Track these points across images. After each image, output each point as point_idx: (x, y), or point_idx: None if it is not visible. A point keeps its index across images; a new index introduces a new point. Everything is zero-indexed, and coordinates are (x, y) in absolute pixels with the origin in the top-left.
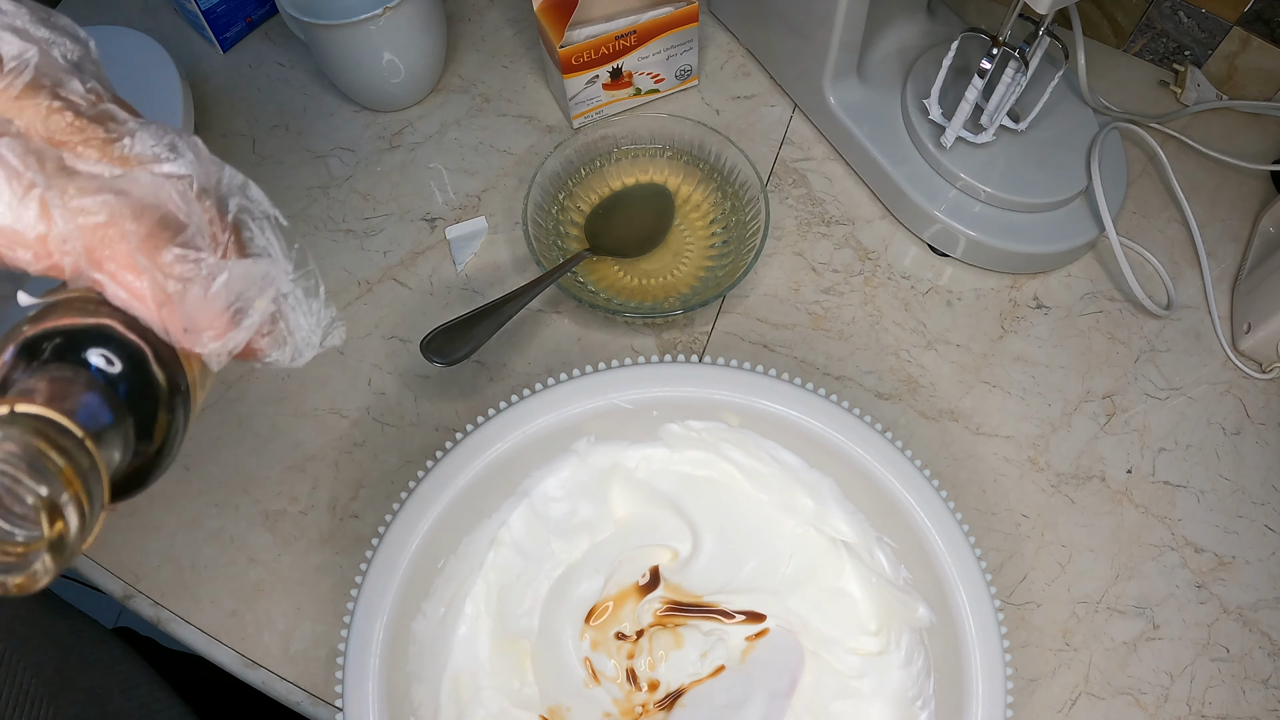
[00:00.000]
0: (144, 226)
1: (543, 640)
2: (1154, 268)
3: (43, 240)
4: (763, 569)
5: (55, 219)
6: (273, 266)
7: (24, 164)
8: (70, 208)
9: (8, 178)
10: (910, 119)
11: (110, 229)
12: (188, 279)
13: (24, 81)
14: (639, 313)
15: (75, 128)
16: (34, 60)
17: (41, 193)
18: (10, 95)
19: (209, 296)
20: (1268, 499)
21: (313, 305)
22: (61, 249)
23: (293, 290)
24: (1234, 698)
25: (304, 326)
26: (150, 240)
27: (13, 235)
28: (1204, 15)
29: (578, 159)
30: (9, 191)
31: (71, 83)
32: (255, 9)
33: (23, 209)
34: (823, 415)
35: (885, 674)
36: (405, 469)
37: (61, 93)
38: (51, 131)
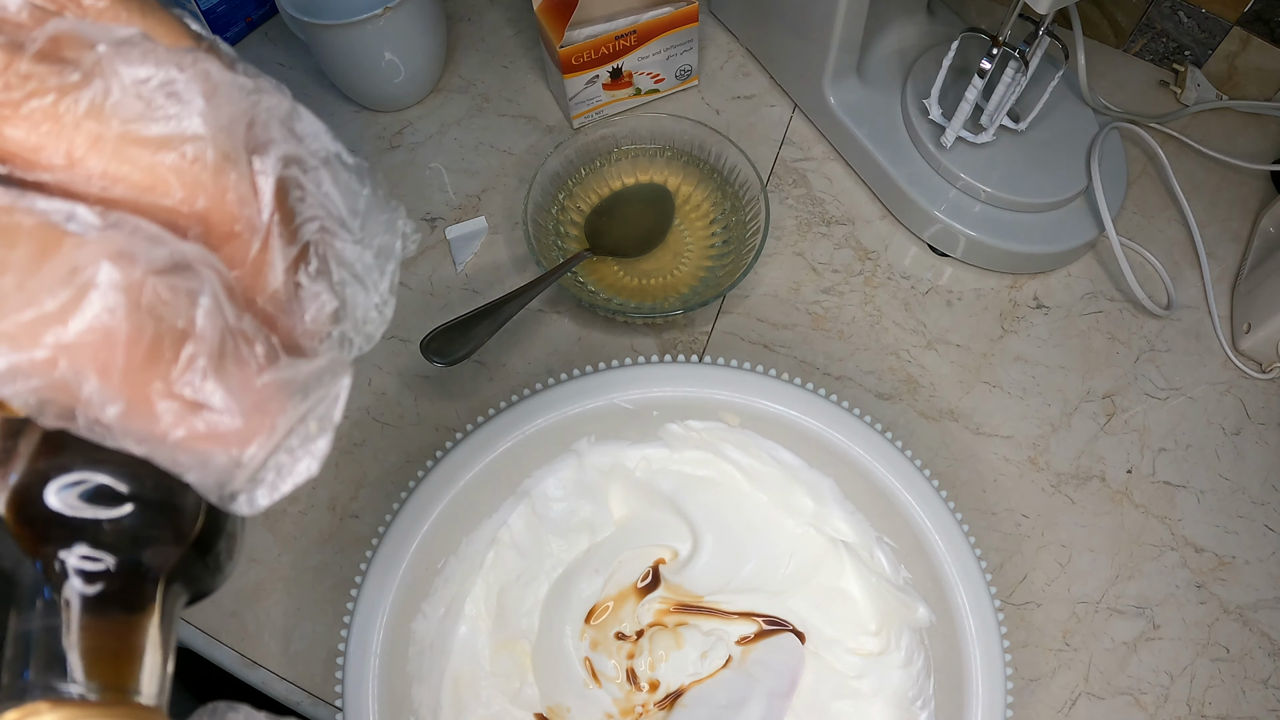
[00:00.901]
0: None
1: (543, 640)
2: (1154, 268)
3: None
4: (763, 569)
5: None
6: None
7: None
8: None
9: None
10: (910, 119)
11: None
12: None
13: None
14: (639, 313)
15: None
16: None
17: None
18: None
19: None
20: (1268, 499)
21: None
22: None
23: (355, 279)
24: (1234, 698)
25: (363, 304)
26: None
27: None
28: (1204, 15)
29: (578, 159)
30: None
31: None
32: (255, 9)
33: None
34: (823, 415)
35: (885, 674)
36: (405, 469)
37: None
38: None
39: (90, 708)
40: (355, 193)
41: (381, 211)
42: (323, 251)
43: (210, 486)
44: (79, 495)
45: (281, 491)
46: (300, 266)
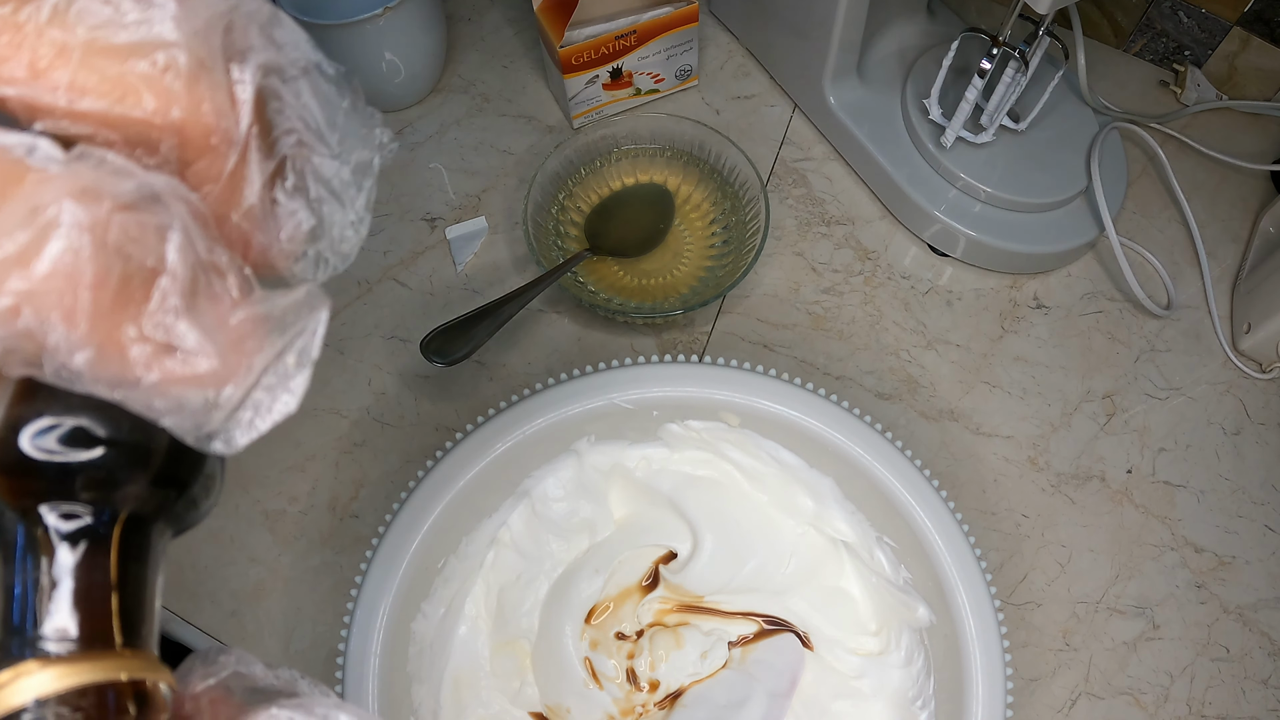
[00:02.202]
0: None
1: (543, 640)
2: (1154, 268)
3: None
4: (763, 569)
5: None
6: (311, 301)
7: None
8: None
9: None
10: (910, 119)
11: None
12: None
13: None
14: (639, 313)
15: None
16: None
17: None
18: None
19: (202, 401)
20: (1268, 499)
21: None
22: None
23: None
24: (1234, 698)
25: (339, 222)
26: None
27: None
28: (1204, 15)
29: (578, 159)
30: None
31: None
32: None
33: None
34: (823, 415)
35: (885, 674)
36: (405, 469)
37: None
38: None
39: (79, 661)
40: (334, 105)
41: (360, 124)
42: (300, 166)
43: (187, 429)
44: (55, 440)
45: (259, 430)
46: (277, 182)
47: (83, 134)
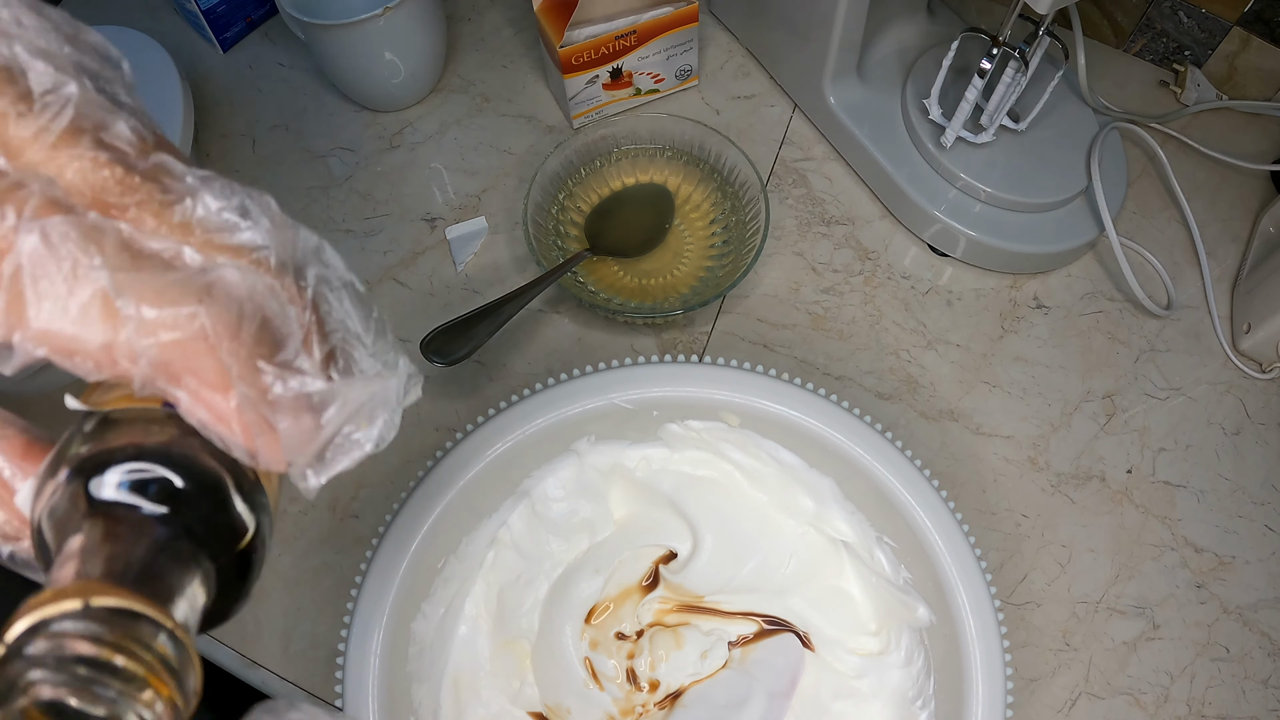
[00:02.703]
0: (240, 345)
1: (543, 640)
2: (1154, 268)
3: (108, 349)
4: (763, 569)
5: (124, 328)
6: (387, 386)
7: (82, 250)
8: (147, 319)
9: (65, 275)
10: (910, 119)
11: (189, 342)
12: (291, 407)
13: (63, 125)
14: (639, 313)
15: (127, 187)
16: (74, 97)
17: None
18: (46, 143)
19: (318, 426)
20: (1268, 499)
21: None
22: (131, 359)
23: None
24: (1234, 698)
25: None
26: (247, 359)
27: (71, 342)
28: (1204, 15)
29: (578, 159)
30: (66, 289)
31: (116, 124)
32: (255, 9)
33: (84, 313)
34: (823, 415)
35: (885, 674)
36: (405, 469)
37: (106, 139)
38: (98, 191)
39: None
40: (367, 315)
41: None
42: (346, 354)
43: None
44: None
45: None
46: (330, 365)
47: None
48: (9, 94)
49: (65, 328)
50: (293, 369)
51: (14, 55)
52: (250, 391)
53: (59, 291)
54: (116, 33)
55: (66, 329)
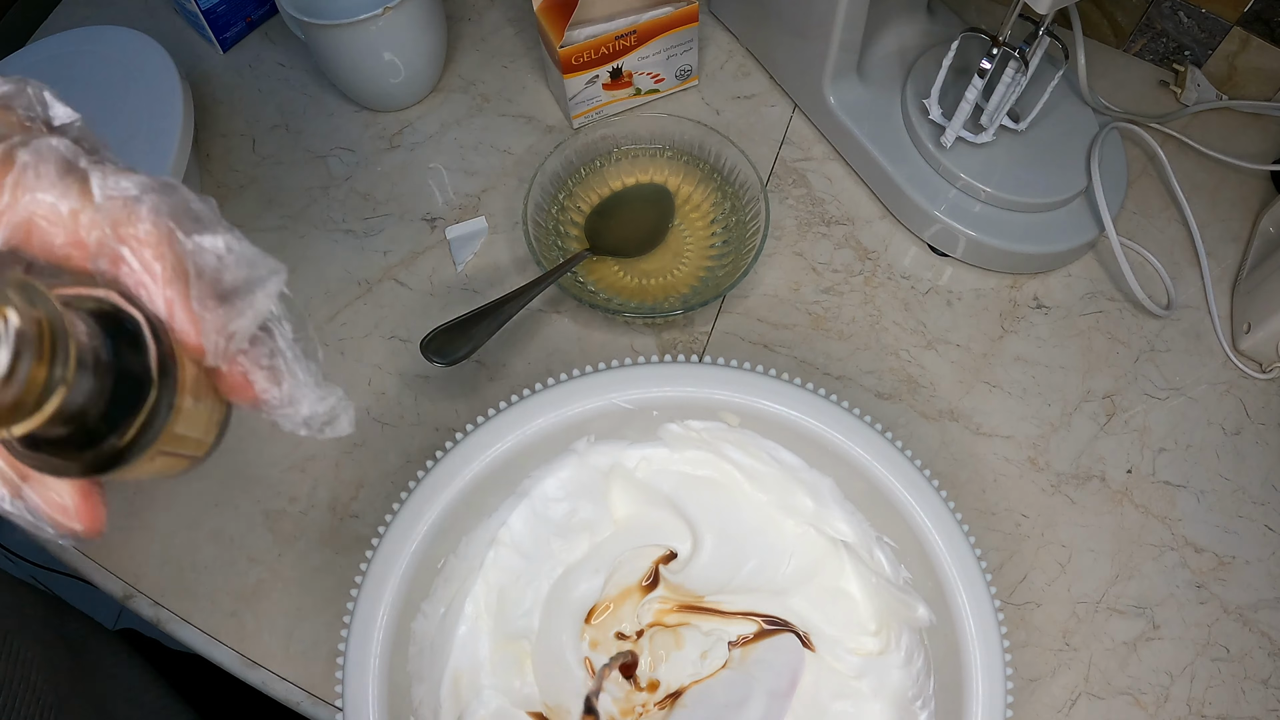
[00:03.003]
0: (170, 204)
1: (543, 640)
2: (1154, 268)
3: (75, 215)
4: (763, 569)
5: (94, 194)
6: (275, 265)
7: (71, 154)
8: (108, 182)
9: (56, 161)
10: (910, 119)
11: (139, 206)
12: (201, 249)
13: (71, 137)
14: (639, 313)
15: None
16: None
17: (84, 170)
18: None
19: (216, 269)
20: (1268, 499)
21: (310, 366)
22: (92, 223)
23: (291, 344)
24: (1234, 698)
25: (300, 377)
26: (173, 218)
27: (50, 210)
28: (1204, 15)
29: (578, 159)
30: (55, 171)
31: (107, 153)
32: (255, 9)
33: (63, 187)
34: (823, 415)
35: (885, 674)
36: (405, 469)
37: (102, 154)
38: None
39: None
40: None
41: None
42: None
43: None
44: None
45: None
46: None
47: None
48: (37, 120)
49: (48, 197)
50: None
51: (41, 95)
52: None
53: (53, 172)
54: (117, 33)
55: (50, 198)
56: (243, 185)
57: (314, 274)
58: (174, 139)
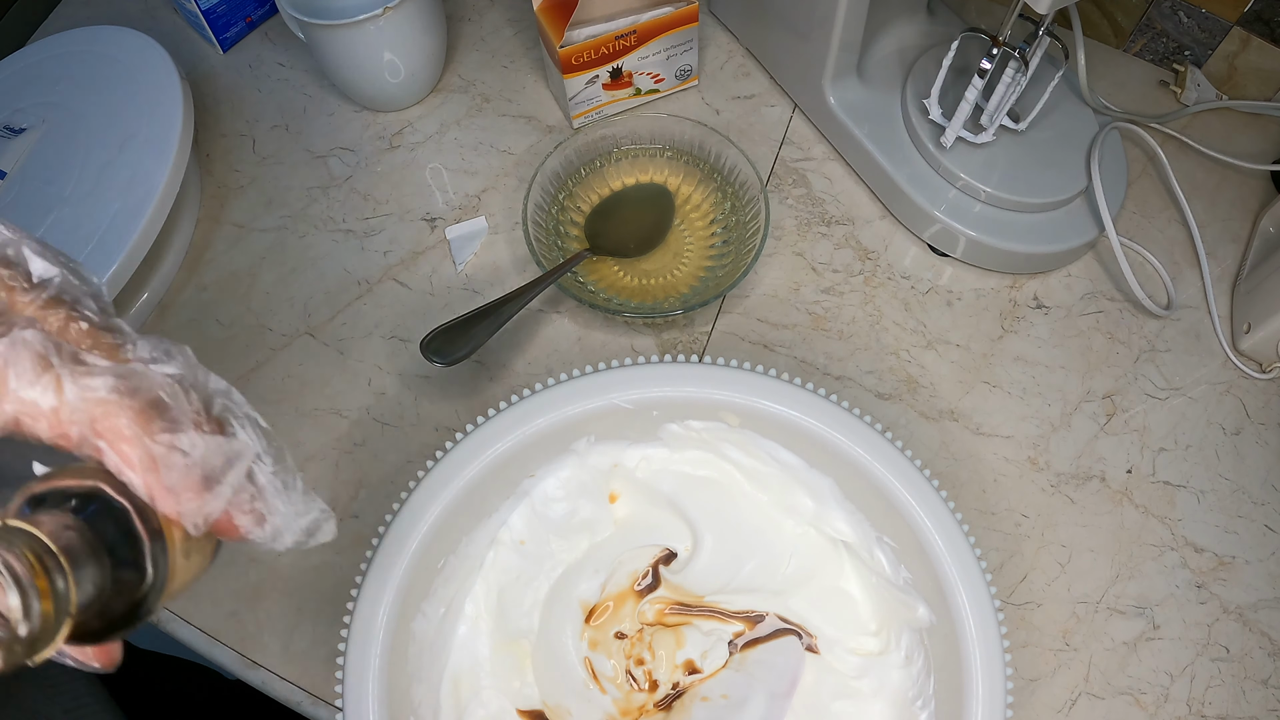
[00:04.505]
0: (138, 403)
1: (543, 640)
2: (1154, 268)
3: (55, 412)
4: (763, 569)
5: (66, 394)
6: (243, 446)
7: (44, 349)
8: (79, 384)
9: (31, 360)
10: (910, 119)
11: (111, 405)
12: (170, 448)
13: (48, 295)
14: (639, 313)
15: (88, 334)
16: (57, 280)
17: (57, 372)
18: (37, 304)
19: (186, 465)
20: (1268, 499)
21: (291, 496)
22: (70, 419)
23: (271, 479)
24: (1234, 698)
25: (282, 511)
26: (143, 416)
27: (32, 407)
28: (1204, 15)
29: (578, 159)
30: (31, 371)
31: (87, 301)
32: (255, 9)
33: (41, 385)
34: (823, 415)
35: (885, 674)
36: (405, 469)
37: (79, 308)
38: (68, 337)
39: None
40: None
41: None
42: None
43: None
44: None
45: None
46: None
47: None
48: (17, 275)
49: (30, 396)
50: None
51: (22, 252)
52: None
53: (28, 372)
54: (117, 33)
55: (30, 397)
56: (243, 185)
57: (314, 274)
58: (174, 139)
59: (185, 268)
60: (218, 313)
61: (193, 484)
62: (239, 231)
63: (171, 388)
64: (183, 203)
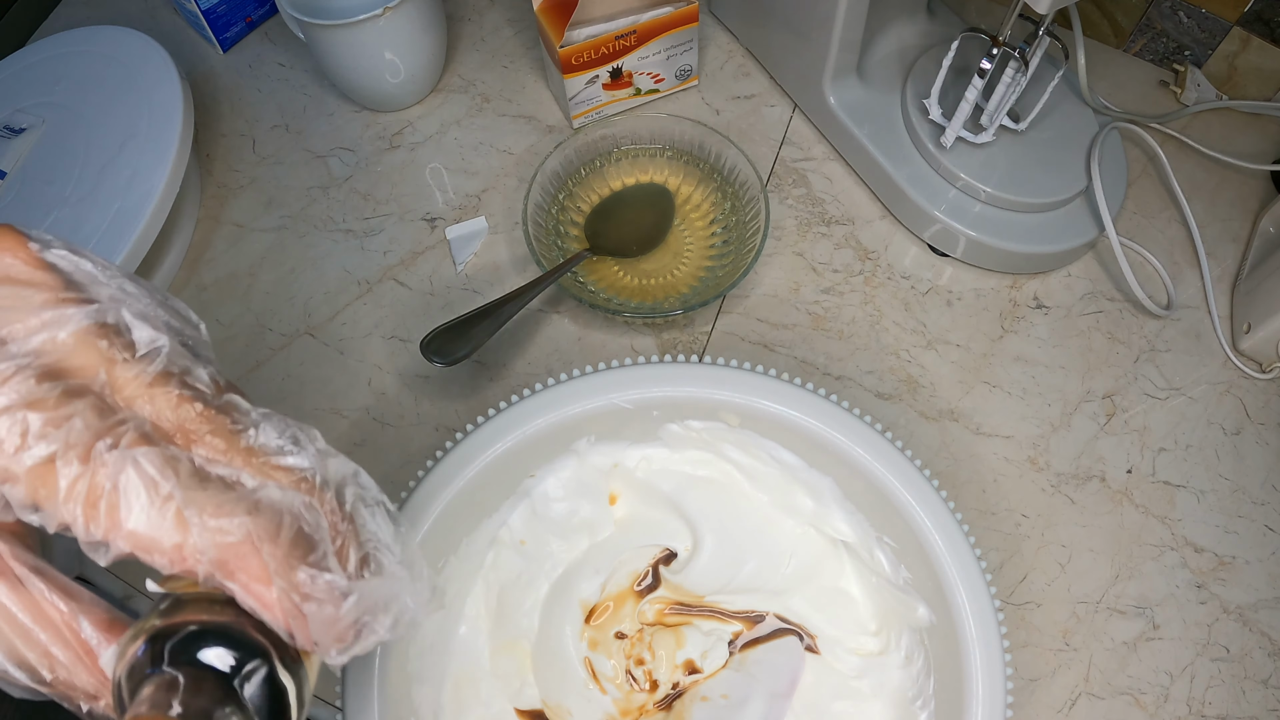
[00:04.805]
0: (279, 547)
1: (543, 640)
2: (1154, 268)
3: (179, 549)
4: (763, 569)
5: (192, 535)
6: (399, 586)
7: (162, 475)
8: (208, 526)
9: (147, 488)
10: (910, 119)
11: (244, 547)
12: (318, 598)
13: (156, 369)
14: (639, 313)
15: (204, 418)
16: (165, 349)
17: (179, 505)
18: (144, 382)
19: (339, 614)
20: (1268, 499)
21: (418, 587)
22: (196, 557)
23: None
24: (1234, 698)
25: (410, 607)
26: (284, 559)
27: (151, 542)
28: (1204, 15)
29: (578, 159)
30: (149, 503)
31: (197, 370)
32: (255, 9)
33: (161, 520)
34: (823, 415)
35: (885, 674)
36: (405, 469)
37: (189, 380)
38: (181, 420)
39: None
40: (396, 529)
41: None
42: (377, 559)
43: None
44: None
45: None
46: (364, 567)
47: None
48: (118, 344)
49: (147, 531)
50: (322, 568)
51: (122, 317)
52: (285, 585)
53: (144, 504)
54: (117, 33)
55: (148, 532)
56: (243, 185)
57: (314, 274)
58: (174, 139)
59: (185, 268)
60: (218, 313)
61: (343, 632)
62: (239, 231)
63: (311, 512)
64: (183, 203)
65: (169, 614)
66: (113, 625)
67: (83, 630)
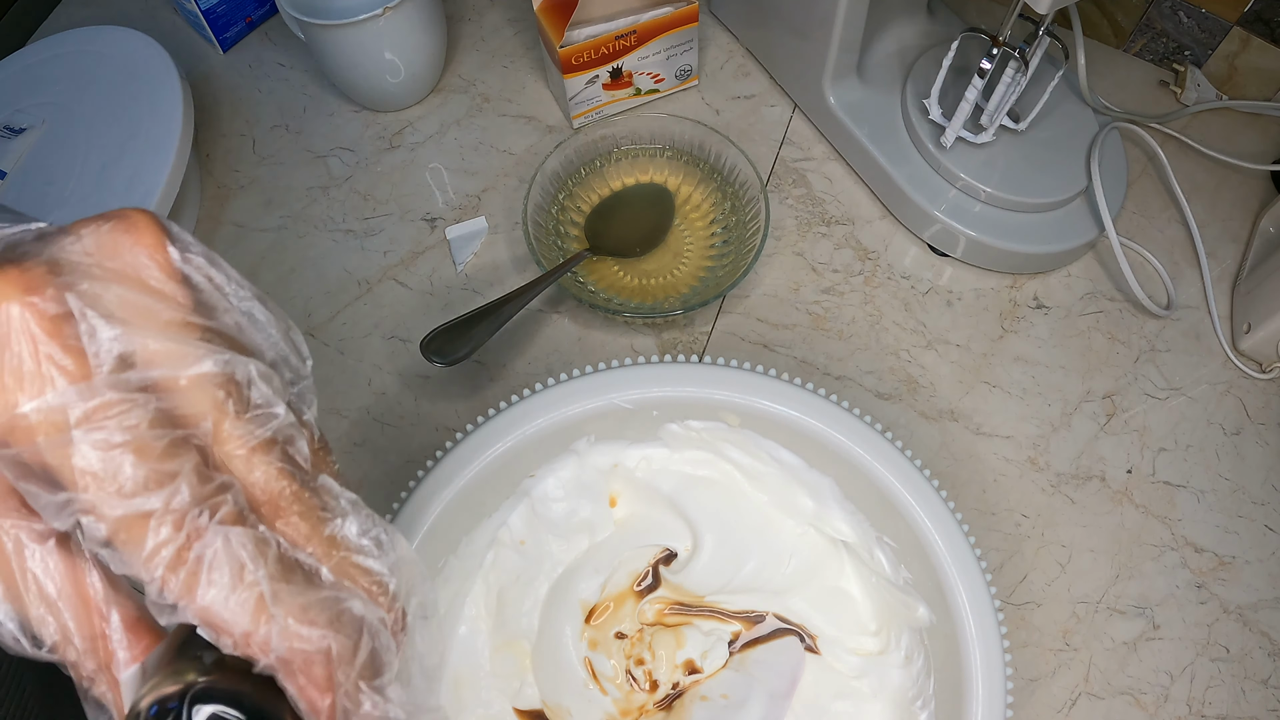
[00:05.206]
0: (353, 669)
1: (543, 640)
2: (1154, 268)
3: (248, 636)
4: (763, 569)
5: (271, 628)
6: (421, 699)
7: (253, 561)
8: (289, 630)
9: (233, 571)
10: (910, 119)
11: (317, 655)
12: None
13: (264, 436)
14: (639, 313)
15: (297, 497)
16: (280, 417)
17: (262, 592)
18: (248, 444)
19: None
20: (1268, 499)
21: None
22: (264, 648)
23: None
24: (1234, 698)
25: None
26: (354, 680)
27: (224, 624)
28: (1204, 15)
29: (578, 159)
30: (231, 586)
31: (299, 442)
32: (255, 9)
33: (240, 607)
34: (823, 415)
35: (885, 674)
36: (405, 469)
37: (290, 451)
38: (273, 494)
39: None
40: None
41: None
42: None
43: None
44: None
45: None
46: None
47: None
48: (235, 397)
49: (222, 612)
50: (385, 695)
51: (249, 373)
52: (348, 705)
53: (226, 585)
54: (117, 33)
55: (223, 613)
56: (243, 185)
57: (314, 274)
58: (174, 139)
59: None
60: None
61: None
62: (239, 231)
63: (385, 633)
64: (183, 203)
65: (210, 671)
66: (138, 626)
67: (111, 621)
